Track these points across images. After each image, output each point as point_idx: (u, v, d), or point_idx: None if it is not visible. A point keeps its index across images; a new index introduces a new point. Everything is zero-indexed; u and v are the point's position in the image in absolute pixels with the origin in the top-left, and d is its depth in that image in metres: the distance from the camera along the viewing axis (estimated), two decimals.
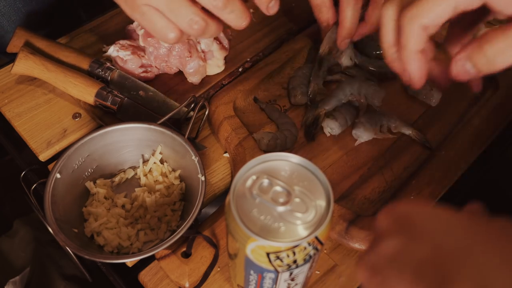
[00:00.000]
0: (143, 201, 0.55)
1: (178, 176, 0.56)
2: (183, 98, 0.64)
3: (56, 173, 0.51)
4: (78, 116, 0.64)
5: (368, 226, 0.52)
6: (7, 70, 0.67)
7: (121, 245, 0.52)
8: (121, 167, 0.59)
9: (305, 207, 0.33)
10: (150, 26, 0.49)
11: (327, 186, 0.34)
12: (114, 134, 0.55)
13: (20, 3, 0.79)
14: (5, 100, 0.65)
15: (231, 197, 0.33)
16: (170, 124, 0.60)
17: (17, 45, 0.65)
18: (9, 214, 0.89)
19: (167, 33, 0.49)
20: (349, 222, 0.52)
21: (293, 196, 0.34)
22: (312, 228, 0.32)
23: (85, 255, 0.47)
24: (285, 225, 0.32)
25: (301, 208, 0.33)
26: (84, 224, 0.53)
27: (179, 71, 0.68)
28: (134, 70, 0.66)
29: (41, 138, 0.62)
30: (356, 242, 0.52)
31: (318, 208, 0.34)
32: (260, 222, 0.32)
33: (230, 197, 0.33)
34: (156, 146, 0.57)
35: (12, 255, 0.82)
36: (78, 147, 0.53)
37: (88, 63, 0.64)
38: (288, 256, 0.32)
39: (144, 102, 0.63)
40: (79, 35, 0.73)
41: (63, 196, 0.52)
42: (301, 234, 0.32)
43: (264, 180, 0.35)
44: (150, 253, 0.47)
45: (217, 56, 0.67)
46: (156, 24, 0.48)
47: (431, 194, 0.56)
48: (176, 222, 0.54)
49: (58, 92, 0.65)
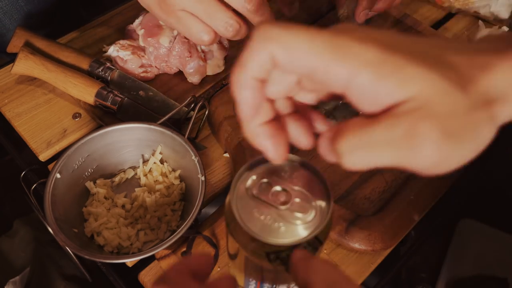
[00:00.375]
0: (143, 201, 0.55)
1: (178, 176, 0.56)
2: (183, 98, 0.64)
3: (56, 173, 0.51)
4: (78, 116, 0.64)
5: (368, 226, 0.52)
6: (7, 70, 0.67)
7: (121, 245, 0.52)
8: (121, 167, 0.59)
9: (305, 207, 0.33)
10: (186, 30, 0.52)
11: (327, 186, 0.34)
12: (114, 134, 0.55)
13: (22, 2, 0.80)
14: (5, 100, 0.65)
15: (231, 197, 0.33)
16: (170, 124, 0.60)
17: (17, 45, 0.65)
18: (9, 214, 0.89)
19: (203, 36, 0.52)
20: (349, 222, 0.52)
21: (293, 196, 0.34)
22: (312, 228, 0.33)
23: (85, 255, 0.47)
24: (285, 225, 0.33)
25: (301, 208, 0.33)
26: (84, 224, 0.53)
27: (179, 71, 0.68)
28: (134, 70, 0.66)
29: (41, 138, 0.62)
30: (356, 242, 0.52)
31: (318, 208, 0.34)
32: (260, 222, 0.32)
33: (230, 197, 0.33)
34: (156, 146, 0.57)
35: (12, 255, 0.82)
36: (78, 147, 0.53)
37: (88, 63, 0.64)
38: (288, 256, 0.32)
39: (144, 102, 0.63)
40: (79, 35, 0.73)
41: (63, 196, 0.52)
42: (301, 234, 0.32)
43: (264, 180, 0.35)
44: (150, 253, 0.47)
45: (217, 56, 0.67)
46: (192, 28, 0.52)
47: (431, 194, 0.56)
48: (176, 222, 0.54)
49: (58, 92, 0.65)
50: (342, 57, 0.26)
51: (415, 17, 0.76)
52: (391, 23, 0.75)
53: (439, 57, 0.27)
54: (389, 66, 0.25)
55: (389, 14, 0.75)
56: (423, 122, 0.25)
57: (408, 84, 0.25)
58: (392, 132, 0.26)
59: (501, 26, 0.73)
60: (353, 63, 0.26)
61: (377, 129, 0.26)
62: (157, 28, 0.65)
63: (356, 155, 0.27)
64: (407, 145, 0.25)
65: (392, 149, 0.26)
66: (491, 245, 0.73)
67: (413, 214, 0.54)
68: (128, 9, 0.76)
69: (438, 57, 0.27)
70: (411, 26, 0.74)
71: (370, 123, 0.26)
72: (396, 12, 0.76)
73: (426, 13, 0.79)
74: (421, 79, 0.25)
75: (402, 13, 0.76)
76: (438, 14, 0.80)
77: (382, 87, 0.25)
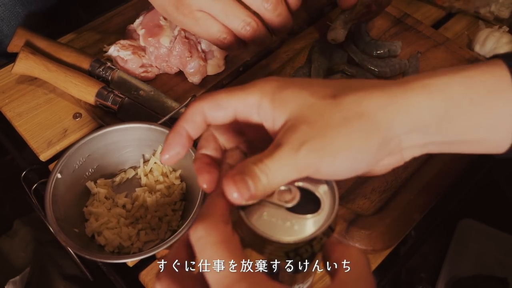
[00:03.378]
0: (143, 201, 0.55)
1: (179, 176, 0.57)
2: (183, 98, 0.64)
3: (57, 173, 0.51)
4: (78, 116, 0.64)
5: (368, 226, 0.52)
6: (8, 70, 0.67)
7: (122, 245, 0.52)
8: (122, 167, 0.59)
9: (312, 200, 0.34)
10: (204, 31, 0.53)
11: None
12: (114, 134, 0.55)
13: (20, 8, 0.80)
14: (5, 100, 0.65)
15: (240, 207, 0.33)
16: (170, 124, 0.60)
17: (18, 45, 0.65)
18: (9, 214, 0.89)
19: (221, 37, 0.52)
20: (349, 222, 0.52)
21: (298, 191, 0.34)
22: (324, 218, 0.33)
23: (86, 255, 0.47)
24: (297, 222, 0.33)
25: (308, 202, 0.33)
26: (85, 224, 0.53)
27: (179, 71, 0.68)
28: (135, 70, 0.66)
29: (41, 138, 0.62)
30: (356, 242, 0.52)
31: (324, 198, 0.34)
32: (272, 225, 0.33)
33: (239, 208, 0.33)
34: (157, 146, 0.57)
35: (12, 255, 0.82)
36: (79, 147, 0.53)
37: (88, 63, 0.64)
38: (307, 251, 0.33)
39: (145, 102, 0.63)
40: (79, 35, 0.73)
41: (64, 196, 0.52)
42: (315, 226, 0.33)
43: None
44: (151, 253, 0.48)
45: (217, 56, 0.67)
46: (210, 29, 0.52)
47: (431, 194, 0.56)
48: (177, 222, 0.54)
49: (58, 92, 0.65)
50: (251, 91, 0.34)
51: (415, 17, 0.76)
52: (391, 23, 0.75)
53: (319, 83, 0.34)
54: (278, 90, 0.33)
55: (389, 14, 0.76)
56: (293, 133, 0.31)
57: (287, 102, 0.32)
58: (284, 153, 0.31)
59: (501, 26, 0.73)
60: (258, 94, 0.33)
61: (274, 155, 0.31)
62: (158, 28, 0.65)
63: (268, 188, 0.31)
64: (296, 159, 0.30)
65: (289, 166, 0.31)
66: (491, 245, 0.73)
67: (413, 214, 0.54)
68: (128, 9, 0.76)
69: (318, 83, 0.34)
70: (411, 26, 0.74)
71: (268, 153, 0.31)
72: (396, 12, 0.76)
73: (426, 13, 0.79)
74: (295, 96, 0.32)
75: (402, 13, 0.76)
76: (438, 14, 0.80)
77: (272, 105, 0.33)
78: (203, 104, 0.34)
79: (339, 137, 0.31)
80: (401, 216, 0.54)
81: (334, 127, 0.31)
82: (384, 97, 0.33)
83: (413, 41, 0.72)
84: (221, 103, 0.34)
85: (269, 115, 0.33)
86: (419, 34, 0.73)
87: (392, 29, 0.74)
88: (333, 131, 0.31)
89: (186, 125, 0.34)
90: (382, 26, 0.75)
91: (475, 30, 0.75)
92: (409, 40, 0.72)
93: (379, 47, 0.69)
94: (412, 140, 0.34)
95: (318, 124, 0.31)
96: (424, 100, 0.33)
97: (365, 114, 0.32)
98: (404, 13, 0.76)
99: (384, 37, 0.73)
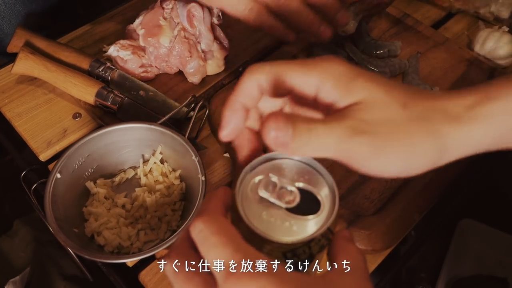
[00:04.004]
0: (143, 201, 0.55)
1: (179, 176, 0.57)
2: (183, 98, 0.64)
3: (56, 173, 0.51)
4: (78, 116, 0.64)
5: (368, 226, 0.52)
6: (8, 70, 0.67)
7: (122, 245, 0.52)
8: (122, 167, 0.59)
9: (312, 201, 0.34)
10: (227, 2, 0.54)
11: (329, 177, 0.35)
12: (114, 134, 0.55)
13: (20, 6, 0.80)
14: (5, 100, 0.65)
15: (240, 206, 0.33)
16: (170, 124, 0.60)
17: (18, 45, 0.65)
18: (9, 214, 0.89)
19: (243, 8, 0.54)
20: (349, 222, 0.52)
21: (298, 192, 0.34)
22: (323, 220, 0.33)
23: (86, 255, 0.47)
24: (296, 223, 0.33)
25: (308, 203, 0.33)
26: (85, 224, 0.53)
27: (179, 71, 0.68)
28: (134, 70, 0.66)
29: (41, 138, 0.62)
30: (356, 242, 0.52)
31: (324, 200, 0.34)
32: (271, 225, 0.33)
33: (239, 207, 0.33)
34: (156, 146, 0.57)
35: (12, 255, 0.82)
36: (79, 147, 0.53)
37: (88, 63, 0.64)
38: (304, 252, 0.33)
39: (144, 102, 0.63)
40: (79, 35, 0.73)
41: (64, 196, 0.52)
42: (314, 227, 0.33)
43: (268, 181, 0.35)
44: (150, 253, 0.48)
45: (217, 56, 0.67)
46: None
47: (431, 194, 0.56)
48: (177, 222, 0.54)
49: (58, 92, 0.65)
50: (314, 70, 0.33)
51: (415, 17, 0.76)
52: (391, 23, 0.75)
53: (389, 82, 0.33)
54: (345, 78, 0.32)
55: (389, 14, 0.76)
56: (361, 122, 0.30)
57: (355, 92, 0.32)
58: (337, 128, 0.30)
59: (501, 26, 0.73)
60: (322, 75, 0.32)
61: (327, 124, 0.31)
62: (157, 28, 0.65)
63: (305, 148, 0.30)
64: (347, 139, 0.30)
65: (335, 141, 0.30)
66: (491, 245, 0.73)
67: (413, 214, 0.54)
68: (128, 9, 0.76)
69: (388, 82, 0.33)
70: (411, 26, 0.74)
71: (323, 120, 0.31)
72: (396, 12, 0.76)
73: (426, 13, 0.79)
74: (367, 90, 0.31)
75: (402, 13, 0.76)
76: (438, 14, 0.80)
77: (337, 92, 0.32)
78: (259, 76, 0.33)
79: (399, 150, 0.31)
80: (401, 216, 0.54)
81: (399, 139, 0.31)
82: (459, 120, 0.32)
83: (413, 41, 0.72)
84: (281, 78, 0.33)
85: (334, 96, 0.32)
86: (419, 34, 0.73)
87: (392, 29, 0.74)
88: (397, 142, 0.31)
89: (242, 99, 0.34)
90: (382, 26, 0.75)
91: (475, 30, 0.75)
92: (409, 40, 0.72)
93: (379, 47, 0.69)
94: None
95: (385, 126, 0.31)
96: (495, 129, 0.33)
97: (435, 133, 0.31)
98: (404, 13, 0.76)
99: (384, 37, 0.73)
